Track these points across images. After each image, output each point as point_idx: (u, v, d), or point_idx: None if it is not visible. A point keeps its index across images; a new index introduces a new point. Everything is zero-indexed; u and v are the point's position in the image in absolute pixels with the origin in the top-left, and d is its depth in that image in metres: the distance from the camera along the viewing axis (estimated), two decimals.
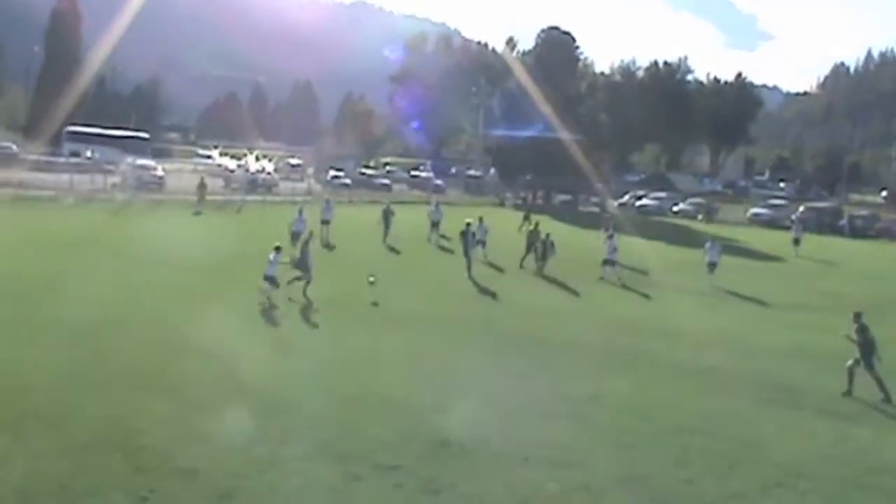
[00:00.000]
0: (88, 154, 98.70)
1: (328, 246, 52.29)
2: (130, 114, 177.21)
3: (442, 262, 51.74)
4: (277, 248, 35.96)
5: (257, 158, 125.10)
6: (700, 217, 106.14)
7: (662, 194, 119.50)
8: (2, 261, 40.17)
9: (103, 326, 29.63)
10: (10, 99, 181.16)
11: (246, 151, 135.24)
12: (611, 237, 50.37)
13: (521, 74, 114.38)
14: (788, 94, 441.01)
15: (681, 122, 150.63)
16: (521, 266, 50.53)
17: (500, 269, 49.96)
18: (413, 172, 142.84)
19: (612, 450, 21.41)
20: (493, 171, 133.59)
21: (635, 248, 58.73)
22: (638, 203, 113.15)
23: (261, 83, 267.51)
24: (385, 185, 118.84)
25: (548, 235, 49.78)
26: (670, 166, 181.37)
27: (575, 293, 43.56)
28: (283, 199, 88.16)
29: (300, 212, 51.27)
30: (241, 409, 22.49)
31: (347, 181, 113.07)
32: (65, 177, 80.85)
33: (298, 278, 36.75)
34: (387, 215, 59.17)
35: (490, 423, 22.75)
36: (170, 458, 18.73)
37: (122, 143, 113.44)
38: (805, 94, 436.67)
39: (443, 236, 61.26)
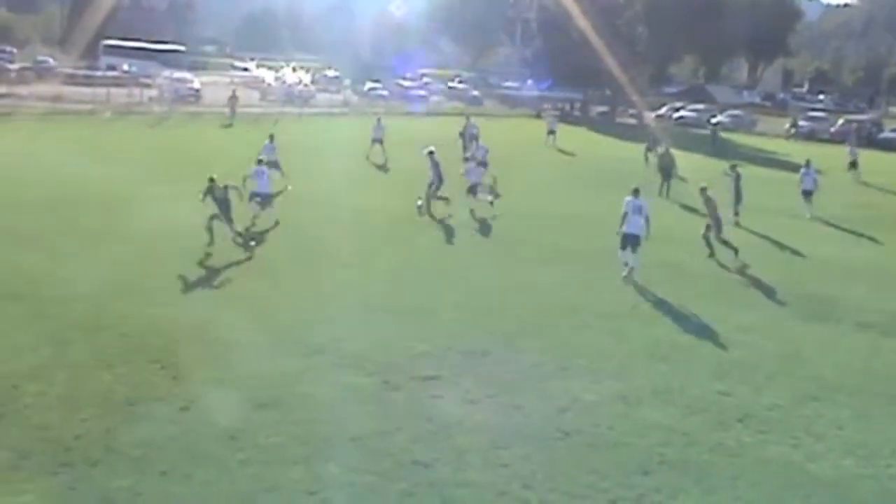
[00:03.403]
0: (126, 67, 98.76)
1: (382, 167, 51.64)
2: (167, 27, 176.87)
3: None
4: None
5: (294, 70, 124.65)
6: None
7: (700, 106, 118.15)
8: (42, 174, 40.39)
9: (143, 236, 29.85)
10: (47, 13, 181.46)
11: (283, 63, 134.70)
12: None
13: None
14: (829, 6, 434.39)
15: (719, 34, 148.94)
16: (663, 195, 46.92)
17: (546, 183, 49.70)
18: (450, 84, 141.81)
19: (647, 361, 21.48)
20: (529, 82, 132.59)
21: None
22: (675, 115, 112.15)
23: None
24: (422, 97, 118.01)
25: (667, 149, 47.58)
26: (709, 78, 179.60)
27: (610, 202, 43.23)
28: (320, 111, 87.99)
29: (378, 120, 56.81)
30: (279, 320, 22.69)
31: (385, 93, 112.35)
32: (102, 90, 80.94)
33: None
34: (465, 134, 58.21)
35: (528, 333, 22.86)
36: (208, 370, 18.97)
37: (158, 56, 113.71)
38: (846, 5, 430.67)
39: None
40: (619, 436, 17.03)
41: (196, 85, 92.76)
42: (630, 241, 28.54)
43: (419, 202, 37.80)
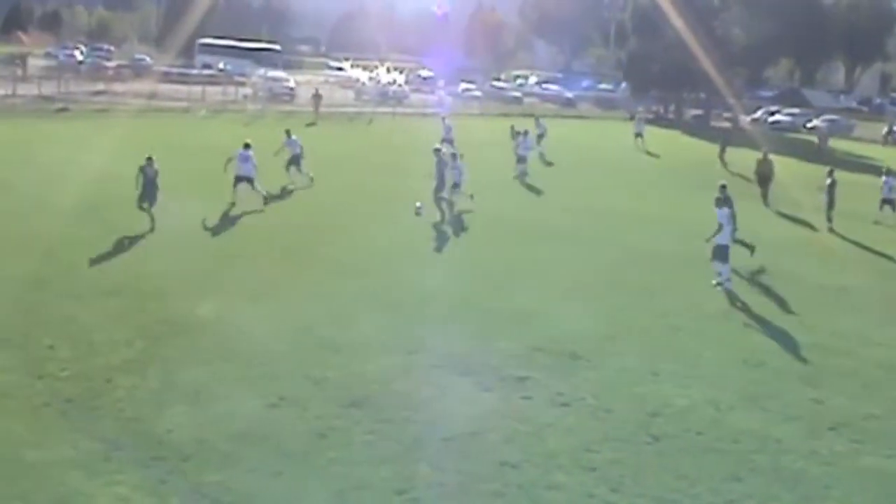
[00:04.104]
0: (221, 66, 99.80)
1: None
2: (262, 26, 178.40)
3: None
4: None
5: (388, 70, 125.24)
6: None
7: (796, 110, 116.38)
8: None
9: (233, 234, 30.15)
10: (144, 11, 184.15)
11: (377, 63, 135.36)
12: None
13: None
14: None
15: (815, 37, 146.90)
16: (769, 203, 45.69)
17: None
18: (544, 85, 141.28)
19: (739, 366, 21.30)
20: (623, 85, 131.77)
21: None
22: (771, 119, 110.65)
23: None
24: (516, 97, 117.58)
25: (765, 155, 47.48)
26: (804, 82, 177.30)
27: (695, 205, 42.63)
28: (414, 111, 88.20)
29: (443, 119, 57.39)
30: (372, 319, 22.77)
31: (478, 93, 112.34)
32: (197, 88, 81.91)
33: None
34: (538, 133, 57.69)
35: (618, 336, 22.76)
36: (300, 367, 19.11)
37: (253, 56, 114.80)
38: None
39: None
40: (710, 441, 16.90)
41: (291, 84, 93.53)
42: (722, 251, 28.12)
43: (462, 201, 37.79)
